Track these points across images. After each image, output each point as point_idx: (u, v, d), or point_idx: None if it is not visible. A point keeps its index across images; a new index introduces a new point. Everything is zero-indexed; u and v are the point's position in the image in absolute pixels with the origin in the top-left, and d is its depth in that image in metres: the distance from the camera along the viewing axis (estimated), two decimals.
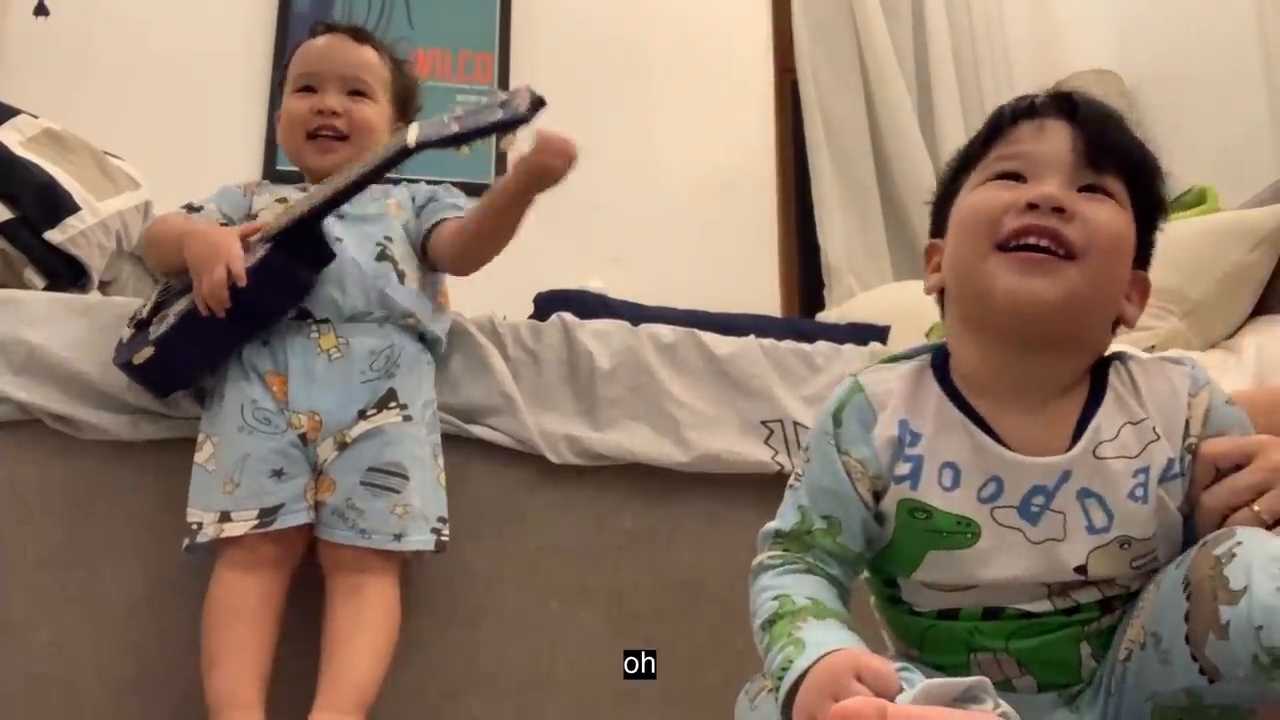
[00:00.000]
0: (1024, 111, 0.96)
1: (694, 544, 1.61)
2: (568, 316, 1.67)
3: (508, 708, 1.52)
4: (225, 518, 1.34)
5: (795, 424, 1.65)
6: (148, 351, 1.40)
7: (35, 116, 1.91)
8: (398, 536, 1.38)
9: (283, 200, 1.53)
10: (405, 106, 1.64)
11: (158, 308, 1.45)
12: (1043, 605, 0.91)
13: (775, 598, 0.90)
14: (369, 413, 1.41)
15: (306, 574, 1.38)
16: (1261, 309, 2.04)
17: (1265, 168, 2.36)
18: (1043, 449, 0.91)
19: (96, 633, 1.42)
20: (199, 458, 1.40)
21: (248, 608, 1.33)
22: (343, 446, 1.39)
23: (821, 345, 1.74)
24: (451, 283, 1.61)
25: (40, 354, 1.44)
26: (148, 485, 1.46)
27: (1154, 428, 0.91)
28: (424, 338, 1.51)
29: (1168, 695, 0.82)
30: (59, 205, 1.74)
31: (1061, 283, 0.89)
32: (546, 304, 1.85)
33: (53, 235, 1.71)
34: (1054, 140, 0.93)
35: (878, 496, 0.94)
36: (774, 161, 3.42)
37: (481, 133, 1.37)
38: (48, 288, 1.68)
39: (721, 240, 3.17)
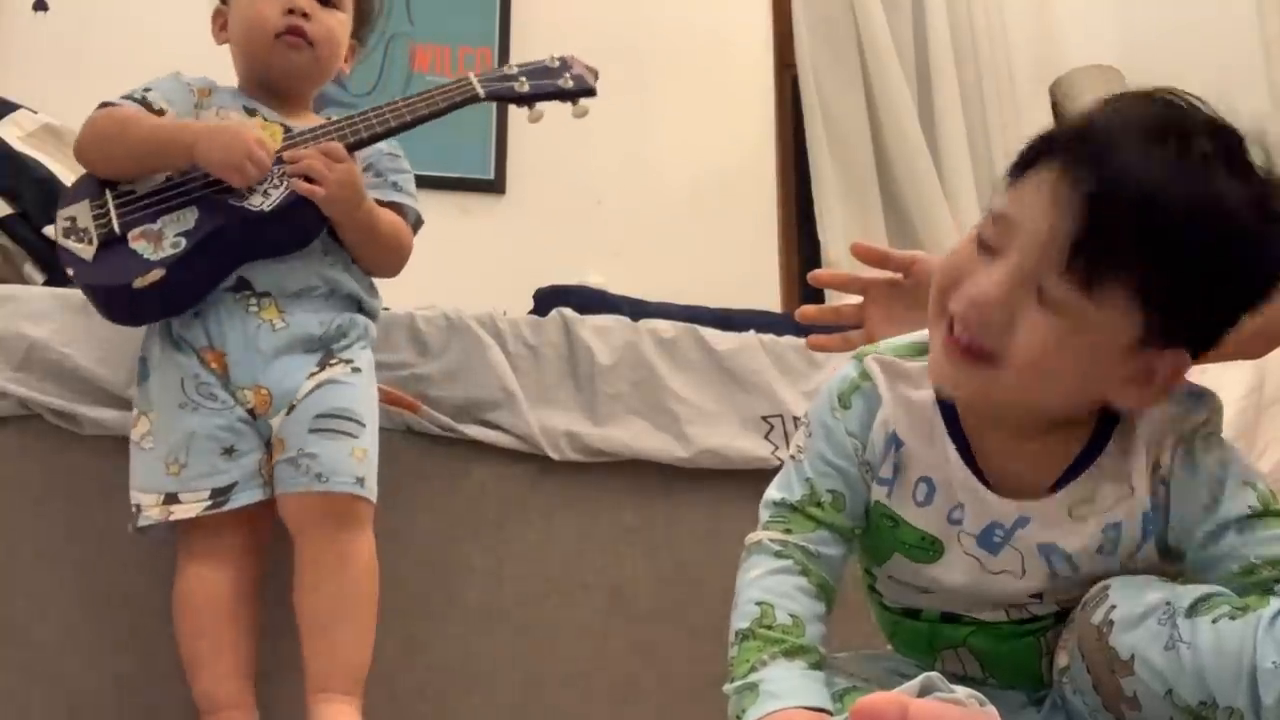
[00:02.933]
0: (1045, 149, 0.80)
1: (694, 539, 1.61)
2: (568, 312, 1.67)
3: (507, 703, 1.52)
4: (172, 499, 1.28)
5: (796, 419, 1.65)
6: (156, 274, 1.30)
7: (34, 111, 1.91)
8: (360, 480, 1.28)
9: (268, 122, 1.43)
10: (360, 25, 1.55)
11: (129, 223, 1.35)
12: (999, 616, 0.93)
13: (758, 604, 0.88)
14: (315, 372, 1.34)
15: (282, 569, 1.33)
16: None
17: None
18: (1018, 487, 0.88)
19: (97, 628, 1.42)
20: (134, 434, 1.33)
21: (223, 602, 1.29)
22: (291, 410, 1.31)
23: None
24: (451, 280, 1.60)
25: (40, 349, 1.44)
26: None
27: (1130, 480, 0.87)
28: (364, 309, 1.45)
29: None
30: (58, 200, 1.74)
31: (972, 382, 0.82)
32: (546, 299, 1.84)
33: (52, 230, 1.71)
34: (1041, 216, 0.77)
35: (866, 486, 0.94)
36: (774, 157, 3.41)
37: (549, 97, 1.39)
38: (47, 283, 1.67)
39: (722, 236, 3.17)
